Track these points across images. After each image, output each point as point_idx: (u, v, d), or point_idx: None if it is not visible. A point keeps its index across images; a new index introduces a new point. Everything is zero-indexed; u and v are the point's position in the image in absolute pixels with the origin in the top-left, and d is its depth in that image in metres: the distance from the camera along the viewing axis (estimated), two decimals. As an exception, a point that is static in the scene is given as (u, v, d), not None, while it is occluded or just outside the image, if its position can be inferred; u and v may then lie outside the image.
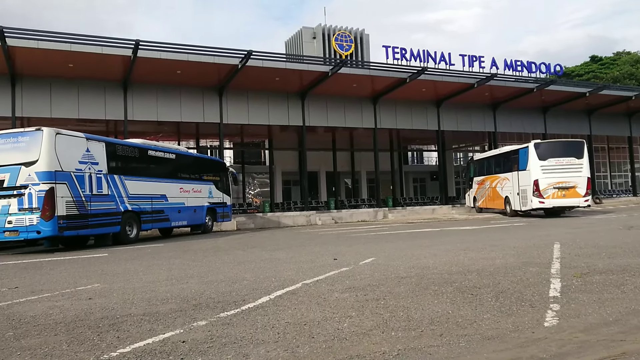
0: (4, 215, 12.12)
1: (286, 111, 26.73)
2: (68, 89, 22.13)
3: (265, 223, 24.39)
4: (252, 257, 9.35)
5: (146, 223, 15.56)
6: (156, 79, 23.20)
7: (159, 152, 16.95)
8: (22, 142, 12.33)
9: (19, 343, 3.65)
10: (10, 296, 5.73)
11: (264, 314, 4.35)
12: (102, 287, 6.17)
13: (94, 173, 13.38)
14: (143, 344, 3.50)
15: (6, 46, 18.70)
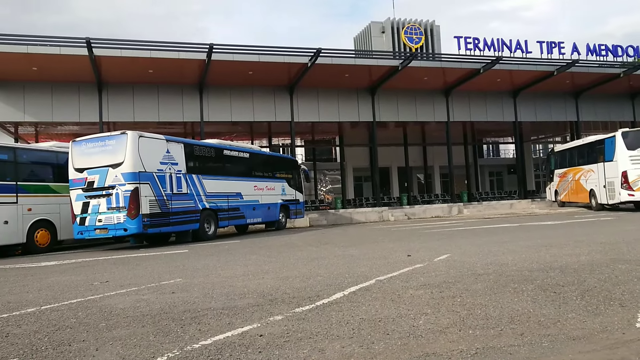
0: (94, 214, 12.98)
1: (356, 107, 26.69)
2: (149, 94, 23.34)
3: (338, 219, 24.52)
4: (325, 253, 9.43)
5: (223, 220, 16.11)
6: (229, 81, 23.93)
7: (234, 152, 17.48)
8: (109, 146, 13.14)
9: (110, 333, 3.90)
10: (101, 290, 6.13)
11: (338, 309, 4.37)
12: (184, 281, 6.46)
13: (174, 173, 14.01)
14: (223, 337, 3.63)
15: (93, 56, 19.97)
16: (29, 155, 14.81)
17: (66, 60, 20.40)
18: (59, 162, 14.74)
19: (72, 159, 13.49)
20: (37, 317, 4.68)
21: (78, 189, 13.22)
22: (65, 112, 22.57)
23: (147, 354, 3.30)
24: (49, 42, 20.12)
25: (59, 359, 3.30)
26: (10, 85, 21.96)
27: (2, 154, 13.57)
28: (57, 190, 14.43)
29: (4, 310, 5.10)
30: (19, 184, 13.58)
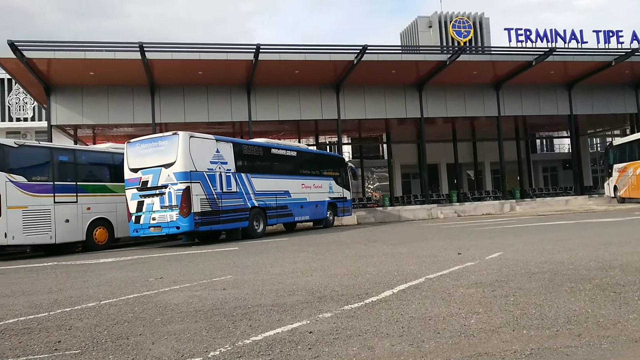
0: (148, 212, 13.43)
1: (403, 104, 26.42)
2: (198, 95, 23.91)
3: (386, 217, 24.36)
4: (373, 251, 9.39)
5: (271, 218, 16.31)
6: (276, 80, 24.19)
7: (281, 150, 17.66)
8: (162, 146, 13.55)
9: (165, 328, 4.03)
10: (156, 286, 6.33)
11: (387, 307, 4.34)
12: (235, 278, 6.58)
13: (223, 172, 14.30)
14: (273, 333, 3.68)
15: (146, 60, 20.64)
16: (88, 157, 15.48)
17: (120, 64, 21.19)
18: (115, 163, 15.34)
19: (127, 159, 14.00)
20: (97, 311, 4.89)
21: (133, 188, 13.71)
22: (120, 114, 23.45)
23: (201, 348, 3.39)
24: (105, 48, 20.96)
25: (117, 351, 3.44)
26: (69, 90, 23.02)
27: (63, 155, 14.25)
28: (113, 190, 15.02)
29: (67, 304, 5.36)
30: (79, 184, 14.22)
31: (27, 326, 4.39)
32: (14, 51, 19.44)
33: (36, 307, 5.28)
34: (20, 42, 19.54)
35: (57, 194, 13.56)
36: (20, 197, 12.65)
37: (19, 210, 12.58)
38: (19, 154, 13.10)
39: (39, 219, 13.02)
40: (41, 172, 13.49)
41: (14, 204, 12.47)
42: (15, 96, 37.46)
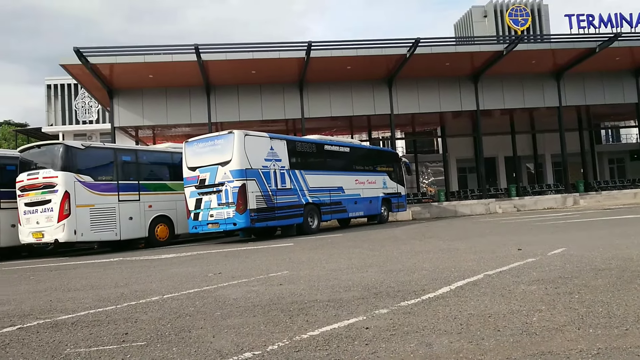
0: (206, 209, 13.80)
1: (458, 96, 25.85)
2: (252, 94, 24.32)
3: (441, 212, 23.95)
4: (429, 247, 9.26)
5: (326, 214, 16.39)
6: (328, 77, 24.24)
7: (334, 146, 17.70)
8: (218, 145, 13.88)
9: (225, 322, 4.13)
10: (215, 281, 6.51)
11: (445, 304, 4.28)
12: (290, 274, 6.67)
13: (277, 169, 14.49)
14: (330, 329, 3.70)
15: (201, 61, 21.19)
16: (148, 156, 16.10)
17: (178, 66, 21.86)
18: (174, 162, 15.85)
19: (185, 158, 14.44)
20: (160, 305, 5.08)
21: (191, 186, 14.13)
22: (178, 114, 24.21)
23: (259, 342, 3.46)
24: (162, 51, 21.69)
25: (180, 344, 3.56)
26: (130, 93, 23.98)
27: (125, 156, 14.87)
28: (173, 188, 15.54)
29: (133, 298, 5.60)
30: (141, 183, 14.80)
31: (96, 318, 4.62)
32: (79, 57, 20.45)
33: (104, 301, 5.55)
34: (85, 48, 20.52)
35: (121, 192, 14.17)
36: (88, 196, 13.30)
37: (87, 209, 13.25)
38: (86, 155, 13.77)
39: (105, 216, 13.66)
40: (106, 172, 14.13)
41: (82, 202, 13.14)
42: (81, 100, 39.40)
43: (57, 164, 13.07)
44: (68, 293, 6.41)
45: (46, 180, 13.00)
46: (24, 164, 13.69)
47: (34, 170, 13.35)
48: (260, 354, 3.19)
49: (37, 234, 13.05)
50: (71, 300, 5.75)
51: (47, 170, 13.10)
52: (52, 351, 3.60)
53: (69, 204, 12.82)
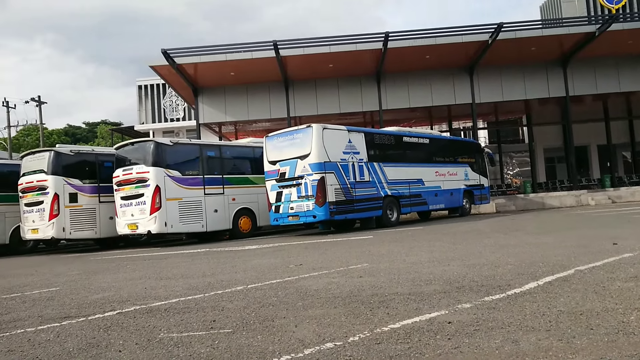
0: (287, 202, 14.10)
1: (545, 82, 24.52)
2: (329, 87, 24.47)
3: (527, 204, 22.92)
4: (514, 240, 8.90)
5: (405, 207, 16.20)
6: (406, 67, 23.86)
7: (413, 138, 17.43)
8: (297, 139, 14.12)
9: (307, 312, 4.22)
10: (297, 272, 6.65)
11: (532, 300, 4.10)
12: (370, 266, 6.67)
13: (356, 162, 14.51)
14: (411, 322, 3.67)
15: (280, 57, 21.60)
16: (231, 151, 16.71)
17: (257, 63, 22.42)
18: (255, 156, 16.33)
19: (266, 152, 14.82)
20: (244, 294, 5.28)
21: (272, 179, 14.49)
22: (258, 110, 24.88)
23: (340, 333, 3.50)
24: (243, 49, 22.33)
25: (265, 332, 3.69)
26: (213, 90, 24.95)
27: (210, 151, 15.53)
28: (254, 182, 16.02)
29: (219, 287, 5.85)
30: (225, 177, 15.39)
31: (186, 306, 4.89)
32: (166, 58, 21.55)
33: (193, 289, 5.84)
34: (172, 50, 21.59)
35: (207, 186, 14.82)
36: (176, 190, 14.03)
37: (176, 202, 13.98)
38: (174, 151, 14.53)
39: (192, 209, 14.35)
40: (193, 166, 14.83)
41: (172, 196, 13.88)
42: (168, 99, 41.48)
43: (149, 160, 13.89)
44: (160, 281, 6.82)
45: (139, 175, 13.85)
46: (120, 161, 14.67)
47: (129, 166, 14.27)
48: (341, 344, 3.23)
49: (132, 225, 13.96)
50: (163, 288, 6.11)
51: (140, 166, 13.96)
52: (148, 335, 3.86)
53: (159, 198, 13.59)
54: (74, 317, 4.73)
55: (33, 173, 15.00)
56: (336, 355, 3.02)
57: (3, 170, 16.75)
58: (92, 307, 5.18)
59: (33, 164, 15.24)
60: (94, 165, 15.51)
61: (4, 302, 6.06)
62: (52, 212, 14.42)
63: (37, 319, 4.81)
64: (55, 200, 14.43)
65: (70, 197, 14.75)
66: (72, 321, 4.57)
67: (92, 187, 15.20)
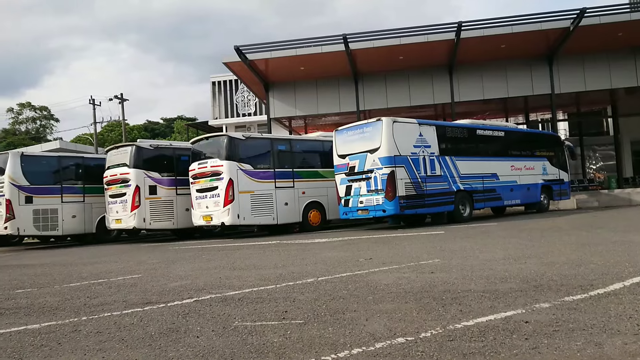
0: (356, 196, 14.10)
1: (633, 69, 22.91)
2: (399, 80, 24.14)
3: (612, 201, 21.56)
4: (597, 239, 8.41)
5: (478, 202, 15.73)
6: (480, 58, 23.08)
7: (487, 131, 16.85)
8: (367, 133, 14.06)
9: (377, 306, 4.21)
10: (366, 266, 6.64)
11: (617, 302, 3.86)
12: (442, 262, 6.54)
13: (427, 156, 14.25)
14: (485, 320, 3.57)
15: (349, 50, 21.56)
16: (301, 145, 16.92)
17: (327, 57, 22.50)
18: (324, 150, 16.43)
19: (335, 146, 14.87)
20: (315, 286, 5.34)
21: (342, 173, 14.53)
22: (328, 104, 24.98)
23: (412, 328, 3.46)
24: (313, 43, 22.48)
25: (335, 324, 3.71)
26: (284, 85, 25.33)
27: (281, 145, 15.80)
28: (324, 175, 16.14)
29: (290, 279, 5.96)
30: (295, 171, 15.62)
31: (259, 296, 5.02)
32: (239, 55, 22.11)
33: (265, 280, 5.99)
34: (244, 46, 22.13)
35: (277, 179, 15.10)
36: (248, 183, 14.41)
37: (248, 195, 14.36)
38: (246, 145, 14.91)
39: (263, 202, 14.68)
40: (264, 160, 15.16)
41: (244, 189, 14.27)
42: (241, 94, 42.60)
43: (222, 154, 14.34)
44: (234, 271, 7.04)
45: (213, 168, 14.34)
46: (195, 154, 15.25)
47: (203, 159, 14.80)
48: (413, 340, 3.20)
49: (206, 217, 14.49)
50: (237, 278, 6.30)
51: (214, 159, 14.44)
52: (223, 323, 4.00)
53: (233, 190, 14.01)
54: (155, 303, 4.98)
55: (116, 166, 15.92)
56: (408, 350, 2.99)
57: (90, 164, 17.90)
58: (171, 294, 5.43)
59: (116, 157, 16.18)
60: (171, 159, 16.23)
61: (92, 287, 6.49)
62: (133, 204, 15.24)
63: (122, 303, 5.12)
64: (136, 192, 15.24)
65: (150, 189, 15.51)
66: (153, 307, 4.82)
67: (170, 180, 15.91)
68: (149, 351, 3.36)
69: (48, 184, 16.56)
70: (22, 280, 7.71)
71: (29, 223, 15.93)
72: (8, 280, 7.85)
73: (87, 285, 6.61)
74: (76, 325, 4.25)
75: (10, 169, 15.83)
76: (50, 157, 18.13)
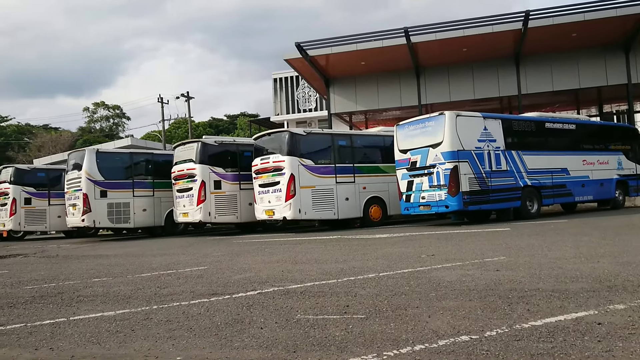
0: (418, 191, 13.91)
1: None
2: (463, 73, 23.55)
3: (697, 197, 20.07)
4: (679, 237, 7.88)
5: (547, 198, 15.09)
6: (549, 47, 22.12)
7: (557, 124, 16.11)
8: (429, 127, 13.82)
9: (440, 303, 4.15)
10: (429, 262, 6.55)
11: (703, 305, 3.61)
12: (508, 260, 6.35)
13: (492, 150, 13.82)
14: (554, 320, 3.44)
15: (411, 44, 21.26)
16: (362, 140, 16.88)
17: (388, 51, 22.30)
18: (385, 145, 16.30)
19: (396, 141, 14.71)
20: (376, 282, 5.33)
21: (403, 168, 14.36)
22: (389, 99, 24.77)
23: (476, 327, 3.39)
24: (373, 38, 22.33)
25: (397, 320, 3.70)
26: (344, 80, 25.33)
27: (341, 140, 15.83)
28: (385, 170, 16.02)
29: (351, 274, 5.98)
30: (355, 166, 15.60)
31: (321, 290, 5.07)
32: (300, 51, 22.33)
33: (326, 274, 6.04)
34: (304, 42, 22.31)
35: (338, 175, 15.14)
36: (309, 178, 14.54)
37: (309, 190, 14.49)
38: (307, 141, 15.04)
39: (324, 197, 14.78)
40: (324, 155, 15.24)
41: (305, 184, 14.41)
42: (301, 90, 43.01)
43: (284, 150, 14.55)
44: (296, 265, 7.14)
45: (275, 164, 14.58)
46: (258, 150, 15.56)
47: (266, 155, 15.08)
48: (477, 338, 3.13)
49: (268, 211, 14.77)
50: (299, 272, 6.39)
51: (276, 155, 14.67)
52: (286, 315, 4.07)
53: (294, 186, 14.19)
54: (220, 295, 5.15)
55: (183, 162, 16.50)
56: (472, 349, 2.94)
57: (159, 159, 18.67)
58: (235, 286, 5.59)
59: (183, 154, 16.77)
60: (235, 155, 16.65)
61: (162, 277, 6.79)
62: (199, 198, 15.76)
63: (190, 294, 5.33)
64: (202, 187, 15.75)
65: (215, 184, 15.98)
66: (219, 298, 4.99)
67: (234, 175, 16.33)
68: (216, 340, 3.48)
69: (121, 179, 17.43)
70: (98, 270, 8.17)
71: (103, 216, 16.83)
72: (86, 270, 8.35)
73: (157, 276, 6.92)
74: (148, 314, 4.46)
75: (87, 165, 16.77)
76: (123, 154, 19.09)
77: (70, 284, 6.63)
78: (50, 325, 4.28)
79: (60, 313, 4.76)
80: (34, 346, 3.66)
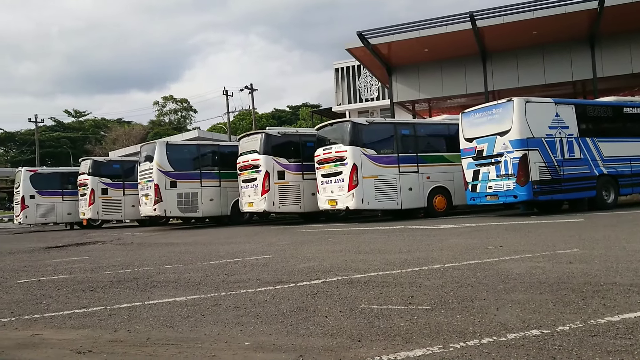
0: (484, 181, 13.50)
1: None
2: (532, 57, 22.54)
3: None
4: None
5: (624, 187, 14.23)
6: (628, 26, 20.71)
7: (637, 109, 15.12)
8: (496, 114, 13.35)
9: (508, 296, 4.03)
10: (496, 254, 6.37)
11: None
12: (582, 252, 6.06)
13: (564, 137, 13.19)
14: (633, 316, 3.26)
15: (476, 28, 20.57)
16: (425, 129, 16.58)
17: (452, 37, 21.69)
18: (450, 134, 15.92)
19: (462, 129, 14.33)
20: (441, 273, 5.25)
21: (469, 157, 13.98)
22: (453, 86, 24.12)
23: (547, 321, 3.27)
24: (437, 23, 21.78)
25: (464, 312, 3.63)
26: (407, 68, 24.92)
27: (404, 129, 15.62)
28: (449, 160, 15.66)
29: (415, 264, 5.92)
30: (419, 155, 15.35)
31: (384, 280, 5.05)
32: (361, 40, 22.16)
33: (390, 265, 6.01)
34: (366, 31, 22.11)
35: (401, 164, 14.97)
36: (372, 168, 14.46)
37: (371, 180, 14.42)
38: (369, 130, 14.95)
39: (387, 187, 14.66)
40: (387, 145, 15.10)
41: (367, 174, 14.35)
42: (363, 80, 42.72)
43: (346, 140, 14.54)
44: (359, 255, 7.15)
45: (338, 154, 14.60)
46: (320, 140, 15.64)
47: (328, 145, 15.13)
48: (549, 333, 3.02)
49: (331, 201, 14.84)
50: (362, 262, 6.40)
51: (338, 145, 14.69)
52: (350, 304, 4.10)
53: (357, 175, 14.17)
54: (285, 283, 5.25)
55: (248, 153, 16.88)
56: (543, 344, 2.84)
57: (224, 151, 19.20)
58: (300, 275, 5.68)
59: (248, 144, 17.15)
60: (297, 145, 16.83)
61: (229, 265, 7.01)
62: (264, 188, 16.08)
63: (256, 281, 5.47)
64: (266, 177, 16.05)
65: (279, 174, 16.25)
66: (284, 286, 5.09)
67: (297, 165, 16.51)
68: (281, 327, 3.56)
69: (189, 170, 18.09)
70: (170, 257, 8.55)
71: (173, 205, 17.55)
72: (158, 257, 8.75)
73: (224, 264, 7.15)
74: (216, 300, 4.63)
75: (158, 157, 17.52)
76: (191, 145, 19.79)
77: (145, 270, 6.98)
78: (127, 308, 4.53)
79: (136, 297, 5.03)
80: (113, 328, 3.89)
